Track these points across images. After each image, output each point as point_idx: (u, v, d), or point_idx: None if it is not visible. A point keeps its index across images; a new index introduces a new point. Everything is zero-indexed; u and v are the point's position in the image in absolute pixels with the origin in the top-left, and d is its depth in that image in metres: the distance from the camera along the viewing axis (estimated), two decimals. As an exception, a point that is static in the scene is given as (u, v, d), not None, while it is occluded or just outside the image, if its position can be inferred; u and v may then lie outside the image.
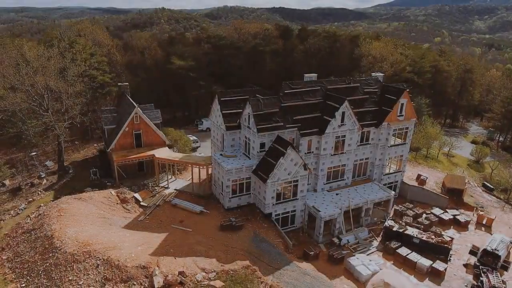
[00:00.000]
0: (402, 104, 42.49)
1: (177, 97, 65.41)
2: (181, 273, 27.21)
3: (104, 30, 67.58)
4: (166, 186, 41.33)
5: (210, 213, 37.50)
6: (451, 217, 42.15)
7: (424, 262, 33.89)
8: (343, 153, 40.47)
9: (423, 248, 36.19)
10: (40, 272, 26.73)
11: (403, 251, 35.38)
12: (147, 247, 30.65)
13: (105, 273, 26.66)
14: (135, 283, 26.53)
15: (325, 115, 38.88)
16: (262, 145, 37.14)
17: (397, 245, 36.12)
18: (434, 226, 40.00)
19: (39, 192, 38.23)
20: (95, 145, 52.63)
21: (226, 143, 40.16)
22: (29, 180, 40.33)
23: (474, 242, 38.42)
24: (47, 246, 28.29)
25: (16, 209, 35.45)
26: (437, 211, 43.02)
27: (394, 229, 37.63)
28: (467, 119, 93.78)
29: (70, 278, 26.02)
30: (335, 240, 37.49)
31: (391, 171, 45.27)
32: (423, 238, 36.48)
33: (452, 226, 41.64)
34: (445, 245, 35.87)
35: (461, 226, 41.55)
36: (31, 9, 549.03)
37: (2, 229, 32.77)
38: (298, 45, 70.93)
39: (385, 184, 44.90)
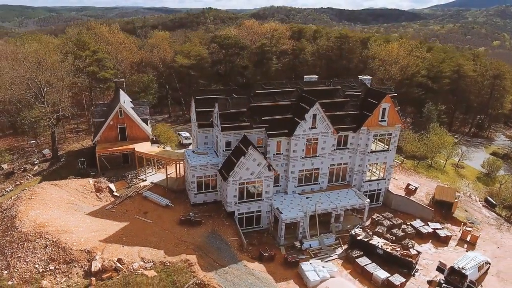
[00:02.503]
0: (384, 109, 40.81)
1: (179, 96, 67.45)
2: (119, 260, 28.61)
3: (118, 30, 71.19)
4: (144, 179, 43.15)
5: (176, 208, 38.68)
6: (431, 230, 39.83)
7: (380, 274, 32.51)
8: (315, 156, 39.79)
9: (387, 259, 34.72)
10: (-4, 247, 29.39)
11: (363, 260, 34.16)
12: (101, 233, 32.46)
13: (51, 253, 28.74)
14: (76, 265, 28.37)
15: (296, 116, 38.49)
16: (228, 144, 37.62)
17: (358, 254, 34.94)
18: (408, 239, 38.01)
19: (28, 177, 41.74)
20: (96, 137, 55.97)
21: (199, 141, 41.13)
22: (23, 166, 44.14)
23: (449, 258, 36.12)
24: (8, 224, 31.01)
25: (3, 190, 39.06)
26: (417, 223, 40.87)
27: (359, 237, 36.39)
28: (495, 129, 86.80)
29: (19, 255, 28.39)
30: (297, 244, 37.02)
31: (373, 178, 43.63)
32: (387, 250, 34.95)
33: (430, 240, 39.38)
34: (409, 258, 34.09)
35: (441, 241, 39.15)
36: (91, 8, 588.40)
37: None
38: (308, 46, 70.03)
39: (366, 191, 43.42)
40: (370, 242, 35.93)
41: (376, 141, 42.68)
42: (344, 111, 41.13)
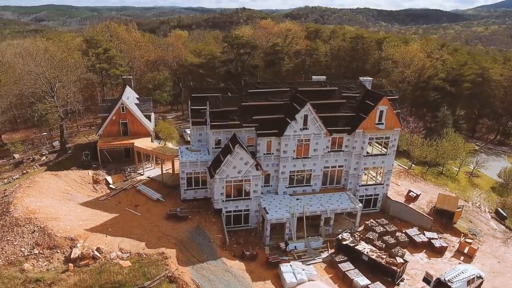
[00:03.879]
0: (382, 112, 39.59)
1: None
2: (97, 249, 29.78)
3: (135, 29, 73.56)
4: (142, 173, 44.46)
5: (166, 202, 39.56)
6: (426, 240, 38.22)
7: (360, 281, 31.66)
8: (307, 157, 39.33)
9: (372, 267, 33.77)
10: (-10, 230, 31.48)
11: (345, 266, 33.40)
12: (89, 223, 33.90)
13: (37, 239, 30.41)
14: (58, 251, 29.85)
15: (288, 117, 38.23)
16: (218, 142, 38.04)
17: (342, 259, 34.20)
18: (399, 247, 36.69)
19: (35, 167, 44.25)
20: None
21: (193, 138, 41.84)
22: (32, 156, 46.85)
23: (441, 270, 34.55)
24: (4, 210, 33.10)
25: (10, 178, 41.70)
26: (412, 231, 39.35)
27: (345, 242, 35.61)
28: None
29: (8, 238, 30.26)
30: (282, 245, 36.79)
31: (370, 182, 42.46)
32: (372, 257, 33.96)
33: (424, 250, 37.78)
34: (394, 267, 32.93)
35: (435, 251, 37.46)
36: (130, 8, 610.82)
37: (-10, 192, 38.96)
38: (322, 46, 69.05)
39: (362, 196, 42.39)
40: (355, 247, 35.07)
41: (372, 144, 41.53)
42: (339, 112, 40.32)
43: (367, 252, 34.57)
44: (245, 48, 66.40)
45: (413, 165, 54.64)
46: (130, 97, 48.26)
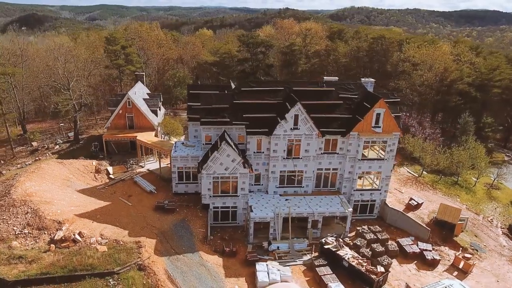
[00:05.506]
0: (379, 114, 38.12)
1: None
2: (79, 233, 31.51)
3: (158, 28, 76.28)
4: (143, 165, 46.21)
5: (159, 194, 40.86)
6: (418, 251, 36.31)
7: (335, 286, 30.80)
8: (298, 158, 38.84)
9: (351, 273, 32.78)
10: (-9, 208, 34.36)
11: (323, 270, 32.65)
12: (80, 208, 35.92)
13: (29, 219, 32.76)
14: (45, 232, 31.97)
15: (279, 116, 38.00)
16: (209, 138, 38.63)
17: (321, 263, 33.48)
18: (386, 256, 35.22)
19: (47, 154, 47.50)
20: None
21: (190, 133, 42.79)
22: (47, 144, 50.31)
23: (428, 283, 32.75)
24: (6, 191, 35.96)
25: (23, 163, 45.12)
26: (404, 241, 37.54)
27: (327, 246, 34.79)
28: None
29: (4, 217, 32.86)
30: (265, 244, 36.67)
31: (365, 187, 41.04)
32: (351, 263, 32.91)
33: (415, 261, 35.91)
34: (373, 275, 31.68)
35: (427, 263, 35.47)
36: (177, 8, 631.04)
37: (3, 175, 42.39)
38: (341, 47, 67.39)
39: (357, 201, 41.14)
40: (337, 252, 34.16)
41: (373, 148, 40.09)
42: (335, 113, 39.35)
43: (348, 258, 33.55)
44: (260, 47, 66.51)
45: (424, 172, 51.98)
46: (138, 93, 50.31)
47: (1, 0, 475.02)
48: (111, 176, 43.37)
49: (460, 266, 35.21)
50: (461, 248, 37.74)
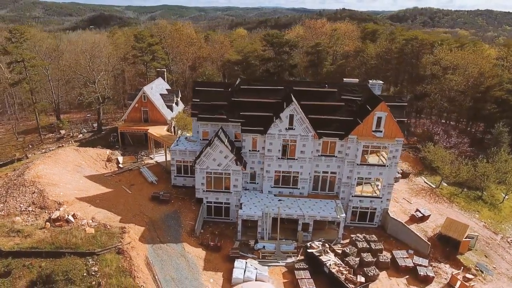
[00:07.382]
0: (380, 118, 36.34)
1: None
2: (73, 215, 33.93)
3: (191, 28, 78.82)
4: (152, 157, 48.34)
5: (159, 185, 42.50)
6: (411, 265, 34.06)
7: (309, 292, 30.07)
8: (293, 159, 38.28)
9: (330, 280, 31.76)
10: (6, 186, 38.11)
11: (301, 274, 31.96)
12: (83, 192, 38.60)
13: (34, 199, 35.93)
14: (46, 211, 34.84)
15: (275, 115, 37.73)
16: (206, 134, 39.44)
17: (301, 267, 32.77)
18: (374, 267, 33.53)
19: (70, 142, 51.52)
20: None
21: (193, 129, 43.97)
22: (73, 133, 54.51)
23: (416, 301, 30.75)
24: (22, 172, 39.70)
25: (47, 149, 49.37)
26: (399, 253, 35.38)
27: (310, 250, 33.95)
28: None
29: (14, 195, 36.37)
30: (251, 243, 36.66)
31: (365, 194, 39.30)
32: (332, 270, 31.82)
33: (407, 276, 33.74)
34: (352, 285, 30.38)
35: (419, 279, 33.15)
36: (235, 8, 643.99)
37: (28, 158, 46.81)
38: (371, 48, 64.65)
39: (356, 208, 39.57)
40: (319, 257, 33.22)
41: (373, 153, 38.36)
42: (335, 115, 38.18)
43: (330, 265, 32.48)
44: (284, 47, 66.00)
45: (444, 184, 48.40)
46: (155, 88, 52.64)
47: (73, 0, 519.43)
48: (120, 165, 45.92)
49: (456, 287, 32.46)
50: (462, 267, 34.72)
